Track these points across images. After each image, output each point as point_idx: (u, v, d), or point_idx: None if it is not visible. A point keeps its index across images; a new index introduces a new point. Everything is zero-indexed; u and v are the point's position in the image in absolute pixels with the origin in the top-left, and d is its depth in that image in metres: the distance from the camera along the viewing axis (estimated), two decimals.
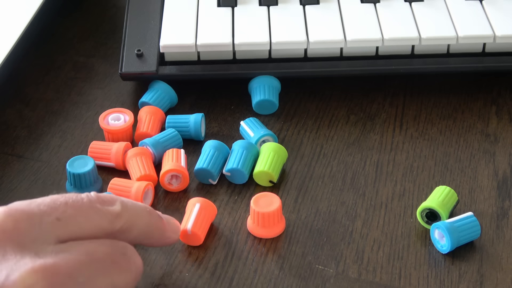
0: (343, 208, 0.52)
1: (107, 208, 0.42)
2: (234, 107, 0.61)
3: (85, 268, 0.38)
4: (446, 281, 0.47)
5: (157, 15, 0.64)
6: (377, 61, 0.61)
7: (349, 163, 0.56)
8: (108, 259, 0.40)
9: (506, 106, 0.61)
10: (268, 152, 0.54)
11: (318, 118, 0.60)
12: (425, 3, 0.64)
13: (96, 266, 0.39)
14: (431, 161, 0.56)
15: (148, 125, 0.57)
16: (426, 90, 0.62)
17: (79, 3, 0.73)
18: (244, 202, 0.53)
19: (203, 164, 0.53)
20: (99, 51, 0.67)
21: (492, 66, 0.61)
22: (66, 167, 0.52)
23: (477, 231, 0.49)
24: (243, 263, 0.48)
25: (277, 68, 0.60)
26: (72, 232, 0.40)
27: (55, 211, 0.40)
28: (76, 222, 0.40)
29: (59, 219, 0.39)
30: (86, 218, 0.40)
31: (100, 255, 0.40)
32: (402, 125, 0.59)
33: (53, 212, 0.39)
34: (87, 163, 0.53)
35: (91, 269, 0.39)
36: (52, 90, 0.63)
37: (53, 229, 0.39)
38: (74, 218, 0.40)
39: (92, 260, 0.39)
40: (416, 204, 0.52)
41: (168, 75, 0.60)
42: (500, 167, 0.55)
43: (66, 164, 0.52)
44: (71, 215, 0.40)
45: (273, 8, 0.64)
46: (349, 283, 0.47)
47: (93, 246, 0.40)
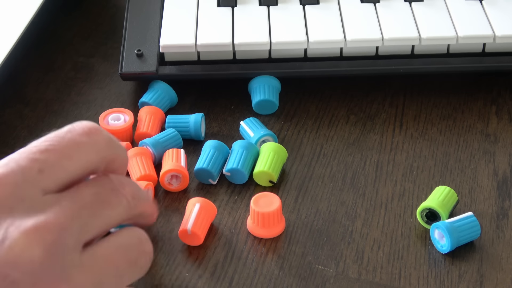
0: (343, 208, 0.52)
1: (94, 137, 0.40)
2: (234, 107, 0.61)
3: (76, 215, 0.37)
4: (446, 281, 0.47)
5: (157, 15, 0.64)
6: (377, 61, 0.61)
7: (349, 163, 0.56)
8: (97, 200, 0.39)
9: (506, 106, 0.61)
10: (268, 152, 0.54)
11: (318, 118, 0.60)
12: (425, 3, 0.64)
13: (87, 211, 0.38)
14: (431, 161, 0.56)
15: (148, 125, 0.57)
16: (426, 90, 0.62)
17: (79, 3, 0.73)
18: (244, 202, 0.53)
19: (203, 164, 0.53)
20: (99, 51, 0.67)
21: (492, 66, 0.61)
22: None
23: (477, 231, 0.49)
24: (243, 263, 0.48)
25: (277, 68, 0.60)
26: (58, 178, 0.38)
27: (36, 163, 0.38)
28: (61, 167, 0.38)
29: (41, 171, 0.38)
30: (71, 159, 0.39)
31: (88, 198, 0.38)
32: (402, 125, 0.59)
33: (33, 164, 0.38)
34: None
35: (83, 215, 0.38)
36: (52, 90, 0.63)
37: (37, 183, 0.37)
38: (58, 163, 0.38)
39: (82, 205, 0.38)
40: (416, 204, 0.52)
41: (168, 75, 0.60)
42: (500, 167, 0.55)
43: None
44: (53, 162, 0.38)
45: (273, 8, 0.64)
46: (349, 283, 0.47)
47: (79, 192, 0.39)
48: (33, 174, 0.37)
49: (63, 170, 0.38)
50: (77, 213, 0.37)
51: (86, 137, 0.39)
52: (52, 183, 0.38)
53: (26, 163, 0.38)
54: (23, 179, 0.37)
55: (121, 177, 0.41)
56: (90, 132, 0.40)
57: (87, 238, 0.38)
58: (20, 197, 0.37)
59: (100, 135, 0.40)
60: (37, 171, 0.38)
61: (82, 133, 0.39)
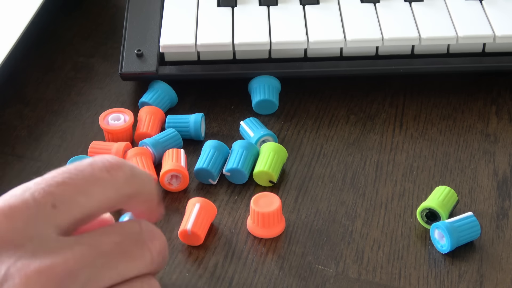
0: (343, 208, 0.52)
1: (115, 174, 0.38)
2: (234, 107, 0.61)
3: (88, 264, 0.35)
4: (446, 281, 0.47)
5: (157, 15, 0.64)
6: (377, 61, 0.61)
7: (349, 163, 0.56)
8: (118, 250, 0.36)
9: (506, 106, 0.61)
10: (268, 152, 0.54)
11: (318, 118, 0.60)
12: (425, 3, 0.64)
13: (102, 261, 0.36)
14: (431, 161, 0.56)
15: (148, 125, 0.57)
16: (426, 90, 0.62)
17: (79, 3, 0.73)
18: (244, 202, 0.53)
19: (203, 164, 0.53)
20: (99, 51, 0.67)
21: (492, 66, 0.61)
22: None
23: (477, 231, 0.49)
24: (243, 263, 0.48)
25: (277, 68, 0.60)
26: (73, 216, 0.36)
27: (50, 197, 0.36)
28: (76, 203, 0.36)
29: (55, 206, 0.36)
30: (87, 196, 0.37)
31: (107, 246, 0.36)
32: (402, 125, 0.59)
33: (47, 199, 0.36)
34: None
35: (96, 264, 0.35)
36: (52, 90, 0.63)
37: (50, 220, 0.36)
38: (73, 200, 0.36)
39: (98, 253, 0.36)
40: (416, 204, 0.52)
41: (168, 75, 0.60)
42: (500, 167, 0.55)
43: (67, 164, 0.52)
44: (69, 198, 0.36)
45: (273, 8, 0.64)
46: (349, 283, 0.47)
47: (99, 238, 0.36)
48: (47, 210, 0.36)
49: (78, 206, 0.36)
50: (89, 261, 0.35)
51: (106, 173, 0.37)
52: (65, 220, 0.36)
53: (41, 196, 0.36)
54: (36, 215, 0.35)
55: (152, 228, 0.38)
56: (111, 168, 0.38)
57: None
58: (30, 234, 0.35)
59: (120, 172, 0.38)
60: (51, 206, 0.36)
61: (102, 168, 0.37)
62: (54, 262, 0.34)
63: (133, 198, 0.39)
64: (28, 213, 0.35)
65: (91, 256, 0.35)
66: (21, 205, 0.35)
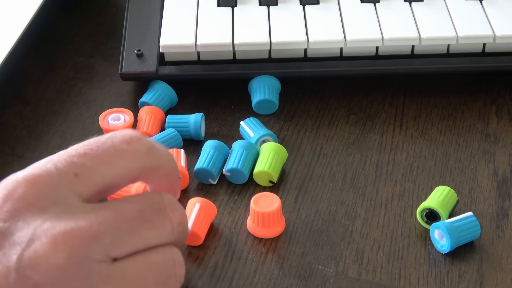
0: (343, 208, 0.52)
1: (134, 146, 0.39)
2: (234, 107, 0.61)
3: (112, 228, 0.36)
4: (446, 281, 0.47)
5: (157, 15, 0.64)
6: (377, 61, 0.61)
7: (349, 163, 0.56)
8: (139, 217, 0.37)
9: (506, 106, 0.61)
10: (268, 152, 0.54)
11: (318, 118, 0.60)
12: (425, 3, 0.64)
13: (125, 226, 0.37)
14: (431, 161, 0.56)
15: (148, 125, 0.57)
16: (426, 90, 0.62)
17: (79, 3, 0.73)
18: (244, 202, 0.53)
19: (203, 164, 0.53)
20: (99, 51, 0.67)
21: (492, 66, 0.61)
22: None
23: (477, 231, 0.49)
24: (243, 263, 0.48)
25: (277, 68, 0.60)
26: (94, 184, 0.37)
27: (73, 166, 0.37)
28: (98, 172, 0.38)
29: (77, 175, 0.37)
30: (108, 166, 0.38)
31: (129, 213, 0.37)
32: (402, 125, 0.59)
33: (70, 168, 0.37)
34: None
35: (120, 228, 0.36)
36: (52, 90, 0.63)
37: (73, 188, 0.37)
38: (95, 169, 0.37)
39: (121, 219, 0.37)
40: (416, 204, 0.52)
41: (168, 75, 0.60)
42: (500, 167, 0.55)
43: None
44: (90, 168, 0.37)
45: (273, 8, 0.64)
46: (349, 283, 0.47)
47: (122, 205, 0.37)
48: (69, 178, 0.37)
49: (100, 176, 0.38)
50: (113, 225, 0.36)
51: (126, 145, 0.39)
52: (87, 188, 0.37)
53: (63, 165, 0.37)
54: (59, 182, 0.37)
55: (173, 200, 0.40)
56: (131, 140, 0.39)
57: (119, 254, 0.37)
58: (53, 199, 0.36)
59: (140, 143, 0.39)
60: (73, 175, 0.37)
61: (123, 140, 0.39)
62: (79, 224, 0.35)
63: (154, 172, 0.40)
64: (51, 180, 0.37)
65: (115, 221, 0.37)
66: (44, 173, 0.37)
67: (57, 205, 0.36)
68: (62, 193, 0.37)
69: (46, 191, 0.36)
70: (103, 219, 0.36)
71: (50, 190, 0.36)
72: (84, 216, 0.36)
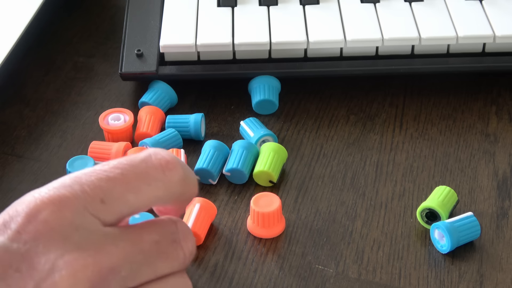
0: (343, 208, 0.52)
1: (169, 174, 0.37)
2: (234, 107, 0.61)
3: (129, 260, 0.36)
4: (446, 281, 0.47)
5: (157, 15, 0.64)
6: (377, 61, 0.61)
7: (349, 163, 0.56)
8: (155, 249, 0.37)
9: (506, 106, 0.61)
10: (268, 152, 0.54)
11: (318, 118, 0.60)
12: (425, 3, 0.64)
13: (140, 258, 0.36)
14: (431, 161, 0.56)
15: (148, 125, 0.57)
16: (426, 90, 0.62)
17: (79, 3, 0.73)
18: (244, 202, 0.53)
19: (203, 164, 0.53)
20: (99, 51, 0.67)
21: (492, 66, 0.61)
22: (66, 167, 0.52)
23: (477, 231, 0.49)
24: (243, 263, 0.48)
25: (277, 68, 0.60)
26: (119, 213, 0.36)
27: (100, 192, 0.36)
28: (125, 201, 0.36)
29: (103, 202, 0.36)
30: (137, 195, 0.36)
31: (147, 245, 0.37)
32: (402, 125, 0.59)
33: (97, 193, 0.36)
34: (87, 163, 0.53)
35: (135, 261, 0.36)
36: (52, 90, 0.63)
37: (97, 214, 0.36)
38: (123, 197, 0.36)
39: (138, 251, 0.36)
40: (416, 204, 0.52)
41: (168, 75, 0.60)
42: (500, 167, 0.55)
43: (66, 164, 0.53)
44: (118, 195, 0.36)
45: (273, 8, 0.64)
46: (349, 283, 0.47)
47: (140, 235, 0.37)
48: (95, 204, 0.36)
49: (127, 204, 0.36)
50: (131, 258, 0.36)
51: (161, 173, 0.37)
52: (111, 215, 0.36)
53: (90, 189, 0.36)
54: (84, 207, 0.35)
55: (187, 229, 0.39)
56: (167, 167, 0.37)
57: (133, 284, 0.36)
58: (76, 225, 0.35)
59: (176, 173, 0.37)
60: (99, 201, 0.36)
61: (158, 166, 0.37)
62: (100, 257, 0.35)
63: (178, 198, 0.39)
64: (77, 205, 0.35)
65: (133, 253, 0.36)
66: (71, 196, 0.35)
67: (79, 231, 0.35)
68: (85, 219, 0.35)
69: (71, 217, 0.35)
70: (122, 252, 0.36)
71: (75, 216, 0.35)
72: (105, 248, 0.35)
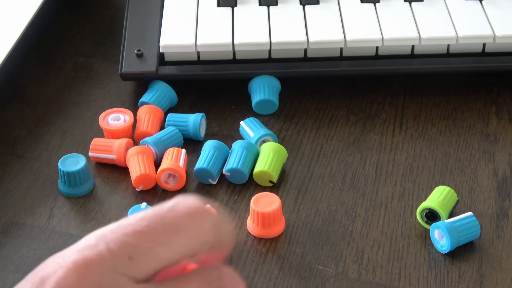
0: (343, 208, 0.52)
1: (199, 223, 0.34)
2: (234, 107, 0.61)
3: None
4: (446, 281, 0.47)
5: (157, 15, 0.64)
6: (377, 61, 0.61)
7: (349, 163, 0.56)
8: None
9: (506, 106, 0.61)
10: (268, 152, 0.54)
11: (318, 118, 0.60)
12: (425, 3, 0.64)
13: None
14: (431, 161, 0.56)
15: (148, 124, 0.57)
16: (426, 90, 0.62)
17: (79, 3, 0.73)
18: (244, 202, 0.53)
19: (203, 164, 0.53)
20: (99, 51, 0.67)
21: (492, 66, 0.61)
22: (58, 165, 0.52)
23: (477, 231, 0.49)
24: (243, 263, 0.48)
25: (277, 68, 0.60)
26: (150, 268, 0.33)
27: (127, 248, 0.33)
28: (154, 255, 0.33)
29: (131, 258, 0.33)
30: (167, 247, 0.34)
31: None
32: (402, 125, 0.59)
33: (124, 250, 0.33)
34: (78, 161, 0.53)
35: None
36: (52, 90, 0.63)
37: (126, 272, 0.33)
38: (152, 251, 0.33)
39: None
40: (416, 204, 0.52)
41: (168, 75, 0.60)
42: (500, 167, 0.55)
43: (58, 162, 0.53)
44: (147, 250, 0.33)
45: (273, 8, 0.64)
46: (349, 283, 0.47)
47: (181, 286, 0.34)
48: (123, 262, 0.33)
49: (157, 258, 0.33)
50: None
51: (190, 221, 0.34)
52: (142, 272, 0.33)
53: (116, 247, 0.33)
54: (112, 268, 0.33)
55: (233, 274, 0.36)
56: (196, 215, 0.34)
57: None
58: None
59: (206, 220, 0.34)
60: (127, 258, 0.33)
61: (186, 214, 0.34)
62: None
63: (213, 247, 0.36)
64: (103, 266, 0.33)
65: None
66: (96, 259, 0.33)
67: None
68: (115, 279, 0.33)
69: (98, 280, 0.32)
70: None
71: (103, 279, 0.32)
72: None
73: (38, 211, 0.52)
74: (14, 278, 0.47)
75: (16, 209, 0.52)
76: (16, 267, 0.48)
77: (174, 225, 0.34)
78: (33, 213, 0.52)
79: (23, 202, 0.53)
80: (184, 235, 0.34)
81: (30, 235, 0.50)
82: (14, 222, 0.51)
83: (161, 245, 0.33)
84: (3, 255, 0.49)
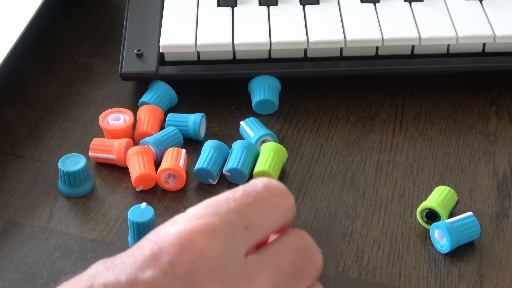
0: (343, 208, 0.52)
1: (286, 201, 0.39)
2: (234, 107, 0.61)
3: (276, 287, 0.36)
4: (446, 281, 0.47)
5: (157, 15, 0.64)
6: (377, 61, 0.61)
7: (349, 163, 0.56)
8: (294, 270, 0.38)
9: (506, 106, 0.61)
10: (268, 152, 0.54)
11: (318, 118, 0.60)
12: (425, 3, 0.64)
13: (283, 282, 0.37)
14: (431, 161, 0.56)
15: (148, 124, 0.57)
16: (426, 90, 0.62)
17: (79, 3, 0.73)
18: None
19: (203, 164, 0.53)
20: (99, 51, 0.67)
21: (492, 66, 0.61)
22: (58, 165, 0.52)
23: (477, 231, 0.49)
24: None
25: (277, 68, 0.60)
26: (258, 239, 0.37)
27: (243, 219, 0.36)
28: (261, 227, 0.37)
29: (247, 229, 0.36)
30: (268, 220, 0.38)
31: (287, 267, 0.37)
32: (402, 125, 0.59)
33: (241, 220, 0.36)
34: (78, 161, 0.53)
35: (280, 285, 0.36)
36: (52, 90, 0.63)
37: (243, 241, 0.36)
38: (259, 222, 0.37)
39: (281, 275, 0.37)
40: (416, 204, 0.52)
41: (168, 75, 0.60)
42: (500, 167, 0.55)
43: (58, 162, 0.53)
44: (257, 221, 0.37)
45: (273, 8, 0.64)
46: (349, 283, 0.47)
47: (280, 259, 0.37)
48: (241, 231, 0.36)
49: (262, 230, 0.37)
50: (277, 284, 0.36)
51: (280, 199, 0.39)
52: (252, 242, 0.37)
53: (235, 217, 0.36)
54: (233, 236, 0.36)
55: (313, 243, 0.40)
56: (284, 196, 0.39)
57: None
58: (228, 254, 0.35)
59: (291, 200, 0.39)
60: (244, 228, 0.36)
61: (277, 194, 0.39)
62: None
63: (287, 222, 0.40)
64: (228, 232, 0.36)
65: (277, 278, 0.37)
66: (222, 224, 0.36)
67: (231, 261, 0.35)
68: (235, 247, 0.36)
69: (223, 245, 0.35)
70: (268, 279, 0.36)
71: (227, 244, 0.35)
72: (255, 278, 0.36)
73: (38, 211, 0.52)
74: (14, 278, 0.47)
75: (16, 209, 0.52)
76: (16, 267, 0.48)
77: (271, 202, 0.38)
78: (33, 213, 0.52)
79: (23, 202, 0.53)
80: (277, 210, 0.38)
81: (30, 235, 0.50)
82: (14, 222, 0.51)
83: (265, 218, 0.37)
84: (3, 255, 0.49)
